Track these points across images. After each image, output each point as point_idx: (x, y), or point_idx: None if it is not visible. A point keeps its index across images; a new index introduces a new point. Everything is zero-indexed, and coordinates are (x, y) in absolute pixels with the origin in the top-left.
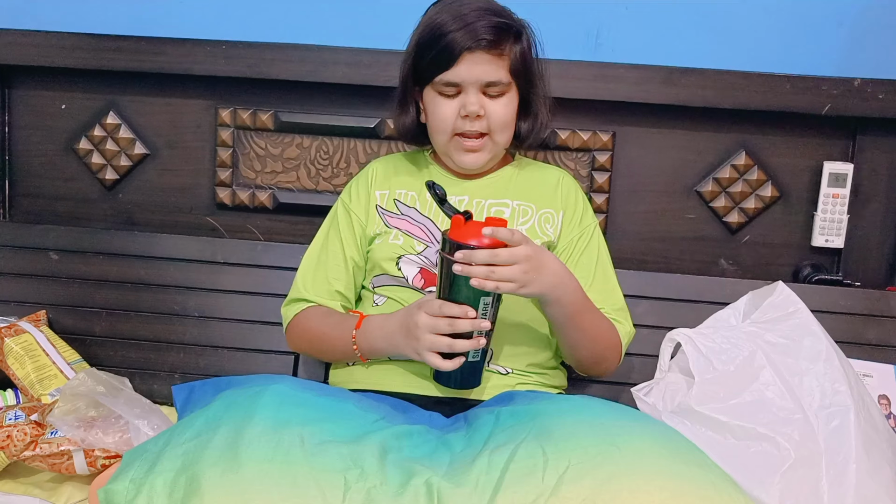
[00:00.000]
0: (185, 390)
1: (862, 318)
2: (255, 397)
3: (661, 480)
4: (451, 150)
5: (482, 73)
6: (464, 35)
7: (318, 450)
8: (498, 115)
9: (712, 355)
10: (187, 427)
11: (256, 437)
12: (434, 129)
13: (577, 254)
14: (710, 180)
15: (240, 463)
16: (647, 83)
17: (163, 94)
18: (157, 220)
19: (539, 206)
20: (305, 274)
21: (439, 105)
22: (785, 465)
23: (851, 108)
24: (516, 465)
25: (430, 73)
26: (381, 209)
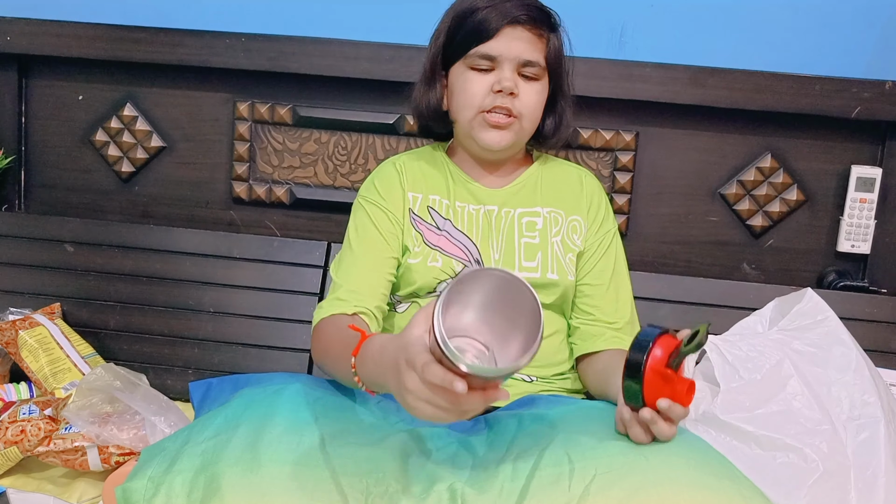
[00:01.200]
0: (203, 387)
1: (888, 325)
2: (274, 396)
3: (691, 492)
4: (475, 126)
5: (521, 50)
6: (505, 8)
7: (338, 453)
8: (530, 99)
9: (738, 363)
10: (206, 425)
11: (277, 438)
12: (460, 106)
13: (594, 260)
14: (734, 183)
15: (260, 464)
16: (672, 83)
17: (181, 87)
18: (173, 213)
19: (567, 212)
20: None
21: (470, 80)
22: (813, 477)
23: (882, 111)
24: (542, 473)
25: (464, 47)
26: (415, 215)
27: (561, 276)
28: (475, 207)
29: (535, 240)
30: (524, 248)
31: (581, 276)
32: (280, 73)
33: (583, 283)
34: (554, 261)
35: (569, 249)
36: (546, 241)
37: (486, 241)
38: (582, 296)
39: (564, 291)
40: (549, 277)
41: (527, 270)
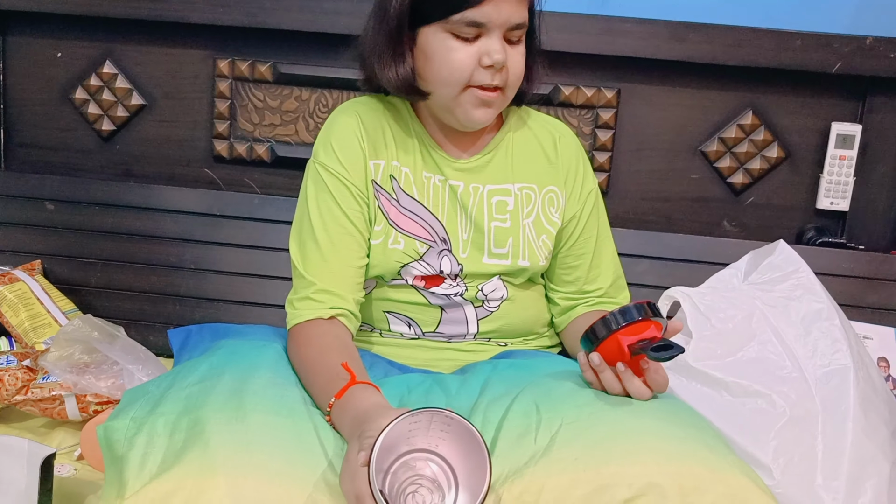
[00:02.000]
0: (182, 334)
1: (864, 281)
2: (258, 350)
3: (655, 442)
4: (461, 104)
5: (511, 13)
6: None
7: (316, 410)
8: (517, 66)
9: (710, 313)
10: (191, 371)
11: (262, 389)
12: (441, 80)
13: (578, 230)
14: (715, 140)
15: (245, 412)
16: (654, 38)
17: (161, 44)
18: (155, 171)
19: (542, 184)
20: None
21: (453, 50)
22: (780, 422)
23: (862, 67)
24: (510, 425)
25: (444, 9)
26: (378, 187)
27: (532, 262)
28: (441, 179)
29: (507, 223)
30: (494, 232)
31: (565, 249)
32: (260, 28)
33: (567, 255)
34: (526, 246)
35: (542, 230)
36: (517, 224)
37: (453, 221)
38: (565, 267)
39: (534, 274)
40: (520, 264)
41: (497, 258)
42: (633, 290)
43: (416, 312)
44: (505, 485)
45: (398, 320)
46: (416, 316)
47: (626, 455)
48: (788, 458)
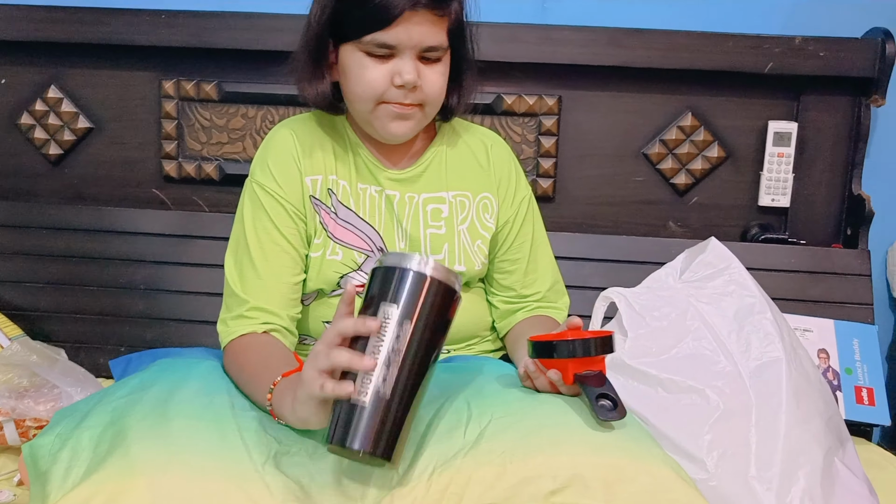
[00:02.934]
0: (123, 363)
1: (807, 275)
2: (189, 366)
3: (581, 434)
4: (377, 118)
5: (423, 37)
6: None
7: (247, 415)
8: (433, 85)
9: (645, 312)
10: (120, 387)
11: (188, 398)
12: (357, 97)
13: (512, 235)
14: (657, 142)
15: (168, 418)
16: (592, 45)
17: (106, 66)
18: (105, 194)
19: (475, 191)
20: (244, 280)
21: (366, 68)
22: (714, 416)
23: (793, 66)
24: (440, 421)
25: (356, 30)
26: (316, 201)
27: (469, 267)
28: (377, 190)
29: (442, 230)
30: (430, 239)
31: (500, 253)
32: (204, 48)
33: (503, 260)
34: (461, 252)
35: (477, 236)
36: (452, 230)
37: (389, 230)
38: (502, 272)
39: (469, 279)
40: (456, 269)
41: None
42: (581, 293)
43: None
44: (433, 476)
45: None
46: None
47: (551, 447)
48: (722, 452)
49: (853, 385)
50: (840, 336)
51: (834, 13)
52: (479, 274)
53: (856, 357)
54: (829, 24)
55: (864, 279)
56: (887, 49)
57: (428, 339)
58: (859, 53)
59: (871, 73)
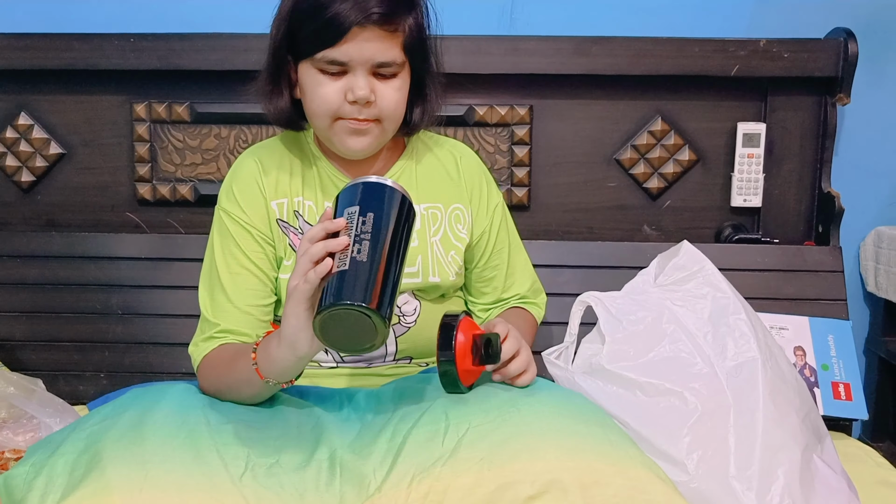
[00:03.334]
0: (101, 402)
1: (780, 273)
2: (162, 390)
3: (558, 439)
4: (335, 134)
5: (374, 53)
6: (353, 6)
7: (222, 429)
8: (389, 101)
9: (622, 316)
10: (94, 415)
11: (162, 417)
12: (313, 113)
13: (490, 246)
14: (628, 148)
15: (143, 438)
16: (559, 55)
17: (75, 92)
18: (79, 220)
19: (447, 203)
20: (216, 307)
21: (321, 84)
22: (692, 418)
23: (759, 68)
24: (419, 431)
25: (309, 49)
26: (284, 223)
27: (443, 278)
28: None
29: (415, 242)
30: None
31: (480, 263)
32: (174, 70)
33: (483, 268)
34: (435, 263)
35: (451, 247)
36: (425, 242)
37: None
38: (482, 280)
39: (445, 290)
40: (431, 281)
41: (408, 276)
42: (559, 300)
43: None
44: (412, 485)
45: None
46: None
47: (529, 453)
48: (702, 453)
49: (830, 381)
50: (815, 333)
51: (796, 14)
52: (454, 284)
53: (831, 353)
54: (792, 25)
55: (837, 275)
56: (850, 49)
57: (392, 223)
58: (823, 54)
59: (834, 73)
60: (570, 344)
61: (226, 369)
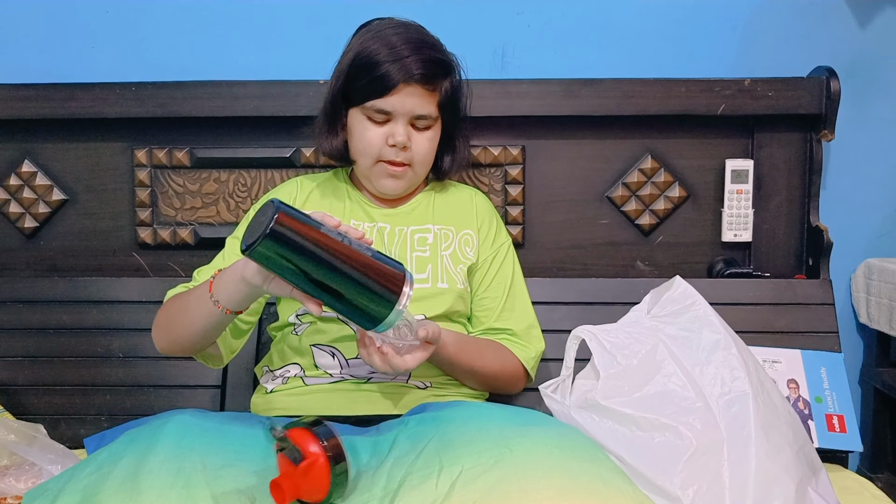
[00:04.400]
0: (97, 439)
1: (771, 307)
2: (157, 429)
3: (549, 479)
4: (374, 174)
5: (414, 106)
6: (401, 68)
7: (219, 474)
8: (422, 149)
9: (615, 350)
10: (89, 463)
11: (157, 466)
12: (359, 152)
13: (491, 273)
14: (619, 185)
15: (140, 491)
16: (549, 97)
17: (78, 139)
18: (81, 264)
19: (458, 228)
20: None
21: (367, 129)
22: (687, 453)
23: (745, 106)
24: (412, 476)
25: (361, 97)
26: None
27: (451, 285)
28: (369, 225)
29: (426, 253)
30: (416, 261)
31: (480, 290)
32: (174, 117)
33: (482, 297)
34: (444, 272)
35: (459, 261)
36: (436, 253)
37: None
38: (481, 308)
39: (454, 300)
40: (440, 287)
41: (418, 282)
42: (555, 336)
43: (341, 342)
44: None
45: (322, 352)
46: (340, 345)
47: (521, 494)
48: (697, 488)
49: (824, 413)
50: (808, 365)
51: (780, 54)
52: (460, 293)
53: (825, 385)
54: (775, 64)
55: (828, 308)
56: (832, 86)
57: (309, 251)
58: (806, 92)
59: (818, 110)
60: (567, 378)
61: (178, 312)
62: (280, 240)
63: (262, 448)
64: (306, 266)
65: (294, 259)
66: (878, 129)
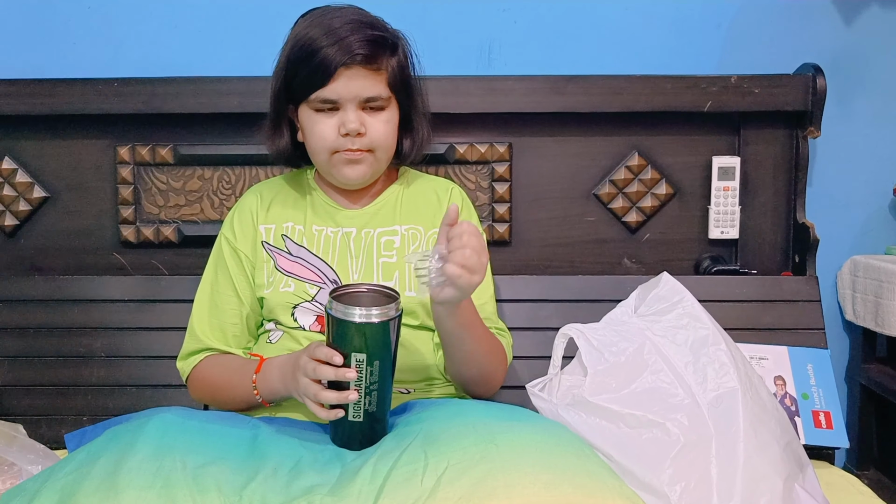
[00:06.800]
0: (78, 436)
1: (758, 304)
2: (138, 428)
3: (535, 473)
4: (333, 166)
5: (360, 89)
6: (338, 50)
7: (199, 472)
8: (379, 133)
9: (603, 348)
10: (68, 462)
11: (137, 465)
12: (313, 149)
13: None
14: (606, 183)
15: (118, 490)
16: (535, 94)
17: (59, 136)
18: (63, 263)
19: (427, 227)
20: (201, 322)
21: (317, 123)
22: (675, 449)
23: (731, 103)
24: (398, 472)
25: (304, 91)
26: (269, 245)
27: (419, 293)
28: (333, 230)
29: (393, 259)
30: (382, 267)
31: None
32: (157, 114)
33: None
34: (411, 278)
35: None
36: (403, 259)
37: (343, 263)
38: None
39: (425, 307)
40: (407, 295)
41: None
42: (542, 334)
43: None
44: None
45: None
46: None
47: (506, 489)
48: (685, 484)
49: (811, 410)
50: (794, 362)
51: (766, 51)
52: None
53: (811, 382)
54: (762, 61)
55: (815, 304)
56: (818, 83)
57: (391, 360)
58: (792, 89)
59: (804, 107)
60: (554, 376)
61: (220, 390)
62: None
63: (245, 447)
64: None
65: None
66: (863, 126)
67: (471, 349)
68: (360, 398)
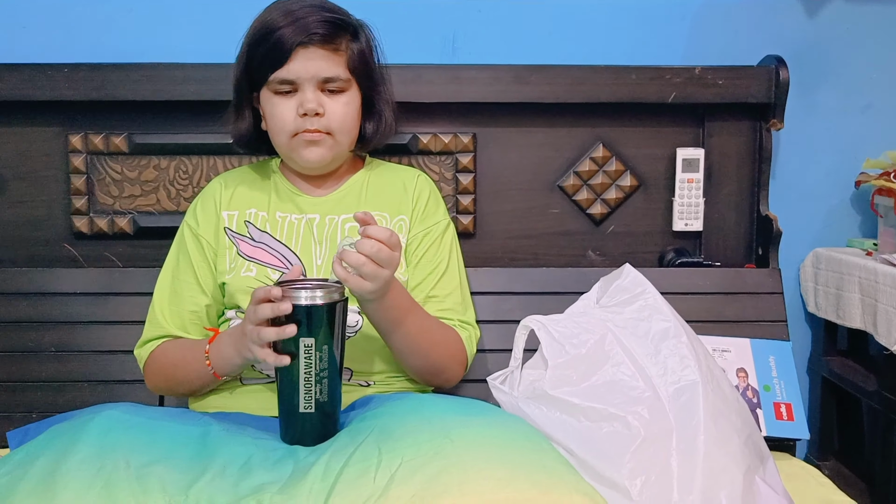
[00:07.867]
0: (20, 434)
1: (721, 296)
2: (81, 426)
3: (490, 469)
4: (293, 150)
5: (317, 69)
6: (295, 30)
7: (143, 472)
8: (338, 114)
9: (564, 340)
10: (5, 462)
11: (76, 465)
12: (274, 132)
13: (420, 251)
14: (571, 174)
15: (55, 492)
16: (497, 83)
17: (8, 123)
18: (11, 255)
19: (393, 214)
20: (161, 309)
21: (276, 105)
22: (635, 443)
23: (695, 95)
24: (350, 469)
25: (263, 73)
26: (231, 232)
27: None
28: (297, 217)
29: None
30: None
31: (407, 270)
32: (111, 101)
33: (410, 277)
34: None
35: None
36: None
37: (307, 250)
38: (411, 287)
39: None
40: None
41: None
42: (505, 327)
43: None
44: None
45: None
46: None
47: (460, 486)
48: (645, 478)
49: (772, 402)
50: (756, 354)
51: (730, 42)
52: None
53: (773, 374)
54: (725, 53)
55: (777, 297)
56: (781, 75)
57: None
58: (755, 80)
59: (767, 99)
60: (516, 369)
61: (174, 368)
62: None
63: (194, 445)
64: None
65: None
66: (826, 119)
67: (409, 342)
68: (312, 385)
